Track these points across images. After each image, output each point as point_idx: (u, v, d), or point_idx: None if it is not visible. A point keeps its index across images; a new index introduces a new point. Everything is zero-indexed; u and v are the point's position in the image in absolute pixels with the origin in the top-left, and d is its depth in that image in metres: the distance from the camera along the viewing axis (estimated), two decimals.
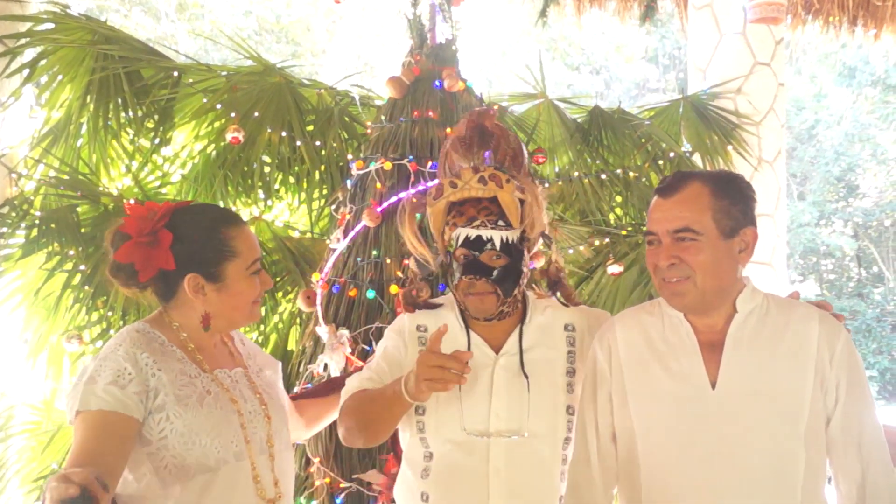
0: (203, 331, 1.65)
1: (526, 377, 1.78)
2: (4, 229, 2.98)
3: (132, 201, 2.96)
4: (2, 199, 3.09)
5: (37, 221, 2.96)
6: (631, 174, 3.70)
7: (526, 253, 1.81)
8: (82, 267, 2.95)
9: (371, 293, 2.61)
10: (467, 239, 1.74)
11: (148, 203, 1.66)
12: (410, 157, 2.69)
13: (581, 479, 1.77)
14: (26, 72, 3.14)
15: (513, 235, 1.76)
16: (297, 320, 3.20)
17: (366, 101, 3.51)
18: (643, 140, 3.79)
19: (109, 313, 3.00)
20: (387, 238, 2.65)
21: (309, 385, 2.62)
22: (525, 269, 1.81)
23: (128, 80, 3.17)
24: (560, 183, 3.62)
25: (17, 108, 3.19)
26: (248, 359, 1.83)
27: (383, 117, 2.90)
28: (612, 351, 1.76)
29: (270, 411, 1.73)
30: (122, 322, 2.98)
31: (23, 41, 3.12)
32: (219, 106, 3.25)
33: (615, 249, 3.43)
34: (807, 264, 14.85)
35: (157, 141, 3.29)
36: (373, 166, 2.75)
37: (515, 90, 3.83)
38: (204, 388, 1.62)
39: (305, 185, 3.41)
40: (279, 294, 3.31)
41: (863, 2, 5.25)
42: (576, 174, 3.63)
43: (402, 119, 2.84)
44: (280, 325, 3.32)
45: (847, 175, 14.15)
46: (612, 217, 3.70)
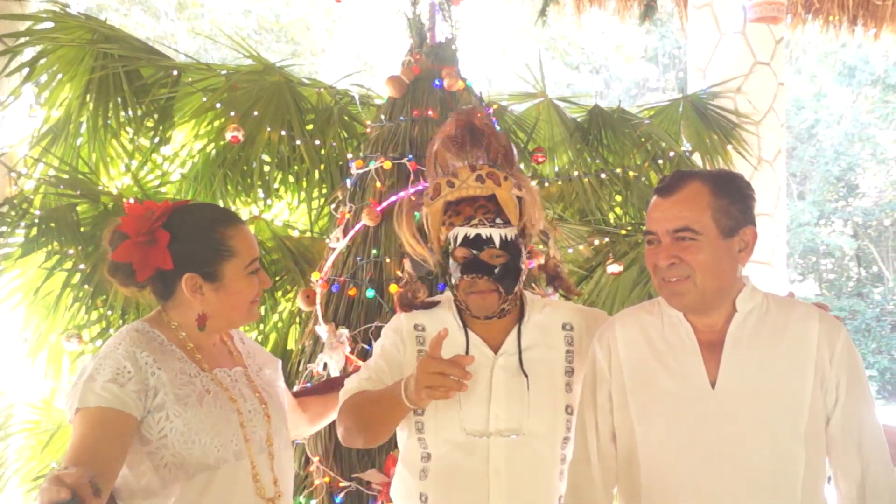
0: (199, 331, 1.65)
1: (525, 376, 1.78)
2: (4, 228, 2.98)
3: (132, 200, 2.96)
4: (1, 197, 3.09)
5: (36, 220, 2.96)
6: (630, 173, 3.70)
7: (523, 250, 1.81)
8: (82, 266, 2.95)
9: (370, 292, 2.61)
10: (466, 238, 1.74)
11: (147, 202, 1.65)
12: (410, 157, 2.70)
13: (581, 478, 1.76)
14: (26, 71, 3.14)
15: (511, 233, 1.76)
16: (297, 319, 3.20)
17: (365, 101, 3.51)
18: (643, 139, 3.80)
19: (109, 312, 3.01)
20: (386, 237, 2.65)
21: (309, 384, 2.62)
22: (523, 266, 1.81)
23: (127, 79, 3.17)
24: (560, 182, 3.62)
25: (16, 106, 3.19)
26: (247, 357, 1.83)
27: (383, 116, 2.90)
28: (612, 350, 1.75)
29: (270, 410, 1.73)
30: (121, 321, 2.98)
31: (22, 40, 3.12)
32: (218, 105, 3.25)
33: (615, 249, 3.44)
34: (806, 264, 14.86)
35: (156, 140, 3.29)
36: (372, 165, 2.75)
37: (515, 89, 3.83)
38: (203, 387, 1.62)
39: (305, 184, 3.41)
40: (279, 293, 3.31)
41: (863, 1, 5.25)
42: (575, 173, 3.63)
43: (401, 118, 2.84)
44: (279, 324, 3.32)
45: (847, 174, 14.15)
46: (611, 216, 3.70)
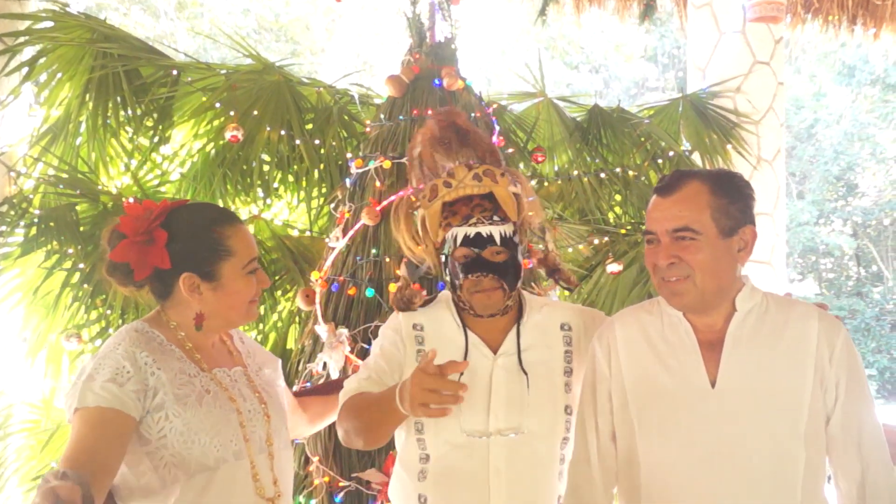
0: (196, 330, 1.65)
1: (525, 374, 1.77)
2: (3, 228, 2.98)
3: (131, 200, 2.96)
4: (1, 197, 3.09)
5: (36, 220, 2.96)
6: (630, 173, 3.70)
7: (520, 245, 1.81)
8: (81, 265, 2.95)
9: (370, 292, 2.61)
10: (467, 237, 1.73)
11: (146, 202, 1.65)
12: None
13: (581, 478, 1.76)
14: (25, 70, 3.13)
15: (508, 229, 1.76)
16: (297, 319, 3.20)
17: (365, 100, 3.51)
18: (642, 139, 3.80)
19: (108, 312, 3.00)
20: (386, 236, 2.65)
21: (308, 384, 2.62)
22: (521, 262, 1.81)
23: (127, 78, 3.17)
24: (559, 182, 3.62)
25: (16, 106, 3.19)
26: (247, 357, 1.82)
27: (382, 116, 2.90)
28: (612, 350, 1.75)
29: (269, 410, 1.73)
30: (120, 321, 2.98)
31: (22, 39, 3.12)
32: (218, 104, 3.25)
33: (614, 248, 3.44)
34: (806, 263, 14.86)
35: (156, 139, 3.28)
36: (372, 165, 2.75)
37: (515, 89, 3.83)
38: (203, 387, 1.62)
39: (304, 183, 3.41)
40: (278, 293, 3.31)
41: (862, 1, 5.25)
42: (575, 173, 3.63)
43: (401, 118, 2.84)
44: (279, 323, 3.32)
45: (846, 174, 14.15)
46: (611, 216, 3.70)
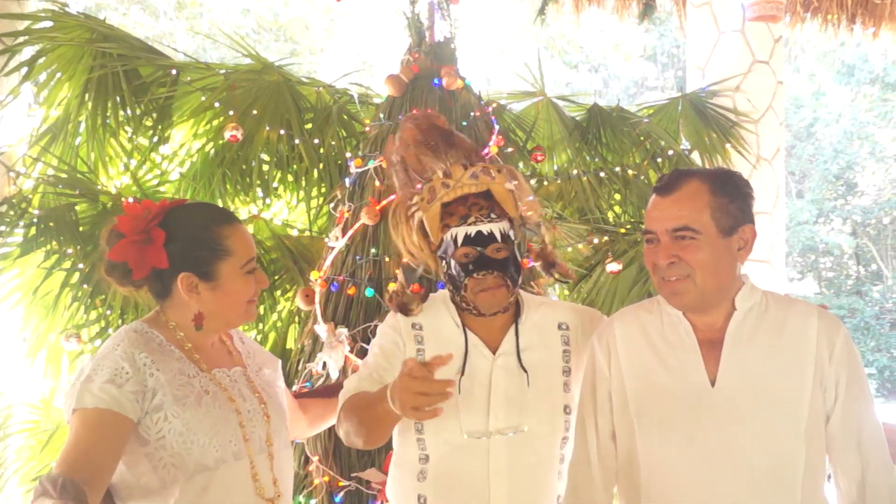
0: (195, 330, 1.64)
1: (525, 372, 1.77)
2: (3, 228, 2.97)
3: (130, 200, 2.95)
4: (0, 197, 3.08)
5: (35, 220, 2.95)
6: (630, 172, 3.70)
7: (517, 241, 1.80)
8: (80, 265, 2.95)
9: (370, 291, 2.61)
10: (468, 237, 1.72)
11: (145, 202, 1.65)
12: None
13: (581, 478, 1.76)
14: (24, 70, 3.13)
15: (506, 226, 1.76)
16: (296, 319, 3.20)
17: (364, 100, 3.51)
18: (642, 138, 3.79)
19: (108, 312, 3.00)
20: (385, 236, 2.65)
21: (308, 384, 2.62)
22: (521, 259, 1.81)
23: (126, 78, 3.17)
24: (559, 181, 3.62)
25: (15, 106, 3.18)
26: (247, 357, 1.82)
27: (382, 115, 2.90)
28: (612, 349, 1.75)
29: (269, 410, 1.72)
30: (120, 321, 2.97)
31: (21, 39, 3.11)
32: (217, 104, 3.24)
33: (614, 247, 3.43)
34: (805, 262, 14.86)
35: (155, 139, 3.28)
36: (371, 164, 2.75)
37: (514, 88, 3.82)
38: (202, 387, 1.61)
39: (304, 183, 3.41)
40: (278, 292, 3.31)
41: (861, 0, 5.25)
42: (574, 172, 3.63)
43: (400, 117, 2.83)
44: (279, 323, 3.32)
45: (846, 173, 14.15)
46: (610, 215, 3.70)
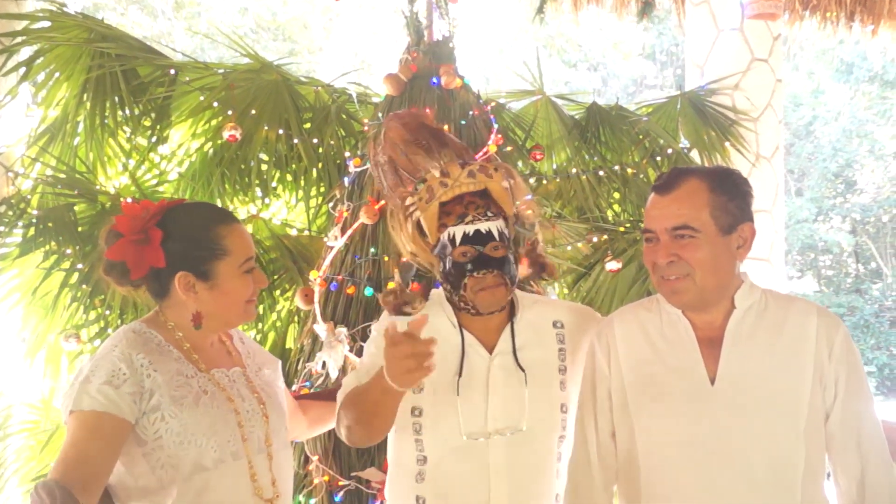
0: (194, 329, 1.64)
1: (523, 370, 1.76)
2: (1, 228, 2.97)
3: (129, 200, 2.95)
4: None
5: (34, 220, 2.95)
6: (629, 170, 3.70)
7: (512, 239, 1.79)
8: (80, 266, 2.94)
9: (369, 291, 2.61)
10: (466, 236, 1.71)
11: (143, 201, 1.65)
12: None
13: (580, 477, 1.76)
14: (23, 70, 3.12)
15: (502, 224, 1.75)
16: (296, 318, 3.20)
17: (363, 99, 3.50)
18: (641, 136, 3.79)
19: (107, 312, 3.00)
20: (384, 235, 2.65)
21: (307, 383, 2.62)
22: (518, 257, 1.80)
23: (124, 78, 3.16)
24: (558, 179, 3.62)
25: (13, 106, 3.18)
26: (246, 357, 1.81)
27: (380, 115, 2.90)
28: (611, 348, 1.75)
29: (268, 410, 1.72)
30: (119, 321, 2.97)
31: (19, 39, 3.11)
32: (216, 104, 3.24)
33: (613, 246, 3.43)
34: (805, 260, 14.87)
35: (153, 139, 3.27)
36: (369, 165, 2.75)
37: (513, 87, 3.82)
38: (200, 387, 1.61)
39: (303, 182, 3.41)
40: (277, 292, 3.31)
41: None
42: (574, 171, 3.63)
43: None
44: (278, 323, 3.32)
45: (845, 171, 14.16)
46: (609, 214, 3.70)
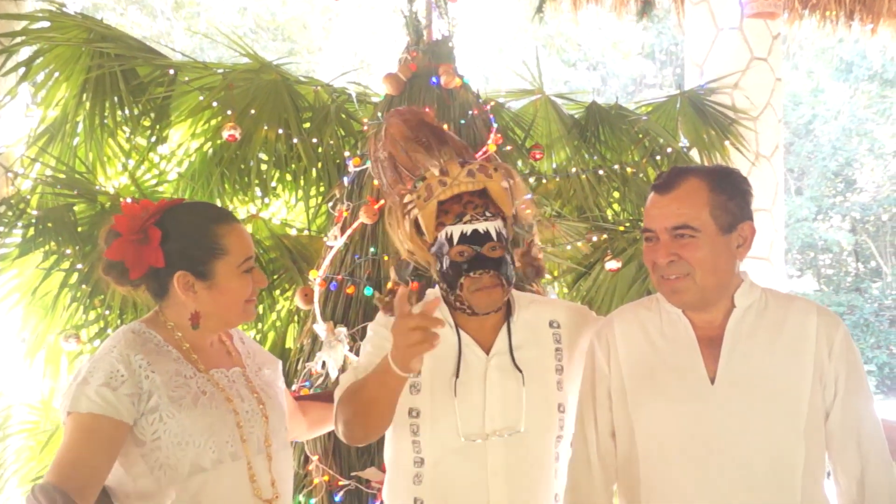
0: (192, 329, 1.63)
1: (520, 371, 1.76)
2: (1, 228, 2.96)
3: (129, 200, 2.95)
4: None
5: (33, 220, 2.95)
6: (628, 170, 3.70)
7: (509, 240, 1.78)
8: (79, 266, 2.94)
9: (369, 290, 2.61)
10: (463, 235, 1.70)
11: (143, 201, 1.65)
12: None
13: (580, 476, 1.76)
14: (22, 70, 3.12)
15: (500, 225, 1.74)
16: (295, 318, 3.20)
17: (362, 98, 3.50)
18: (640, 135, 3.79)
19: (107, 312, 3.00)
20: (384, 235, 2.64)
21: (307, 383, 2.62)
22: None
23: (124, 78, 3.16)
24: (557, 179, 3.62)
25: (13, 106, 3.18)
26: (247, 357, 1.81)
27: (380, 114, 2.90)
28: (611, 347, 1.75)
29: (268, 411, 1.71)
30: (119, 321, 2.97)
31: (18, 39, 3.11)
32: (215, 104, 3.24)
33: (613, 245, 3.43)
34: (804, 259, 14.87)
35: (153, 139, 3.27)
36: (370, 163, 2.75)
37: (512, 86, 3.82)
38: (199, 388, 1.60)
39: (302, 182, 3.41)
40: (277, 292, 3.31)
41: None
42: (573, 170, 3.63)
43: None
44: (278, 322, 3.32)
45: (844, 170, 14.17)
46: (609, 213, 3.70)
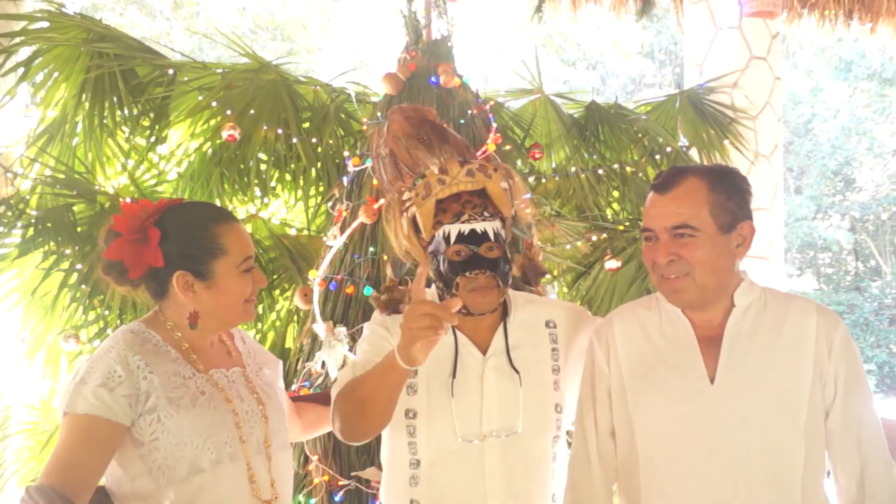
0: (190, 329, 1.63)
1: (517, 372, 1.76)
2: (1, 229, 2.97)
3: (128, 200, 2.95)
4: None
5: (33, 220, 2.95)
6: (628, 169, 3.70)
7: (507, 241, 1.78)
8: (79, 266, 2.94)
9: (368, 290, 2.61)
10: (461, 235, 1.69)
11: (142, 201, 1.64)
12: None
13: (580, 475, 1.76)
14: (21, 70, 3.13)
15: (498, 225, 1.73)
16: (295, 318, 3.20)
17: (362, 98, 3.51)
18: (640, 135, 3.80)
19: (106, 312, 3.00)
20: (383, 235, 2.65)
21: (307, 383, 2.62)
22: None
23: (123, 78, 3.17)
24: (557, 178, 3.62)
25: (12, 106, 3.18)
26: (247, 357, 1.80)
27: (379, 114, 2.90)
28: (611, 347, 1.75)
29: (268, 411, 1.70)
30: (118, 321, 2.97)
31: (17, 40, 3.11)
32: (214, 104, 3.24)
33: (612, 244, 3.44)
34: (804, 258, 14.87)
35: (152, 139, 3.28)
36: (369, 163, 2.75)
37: (511, 86, 3.82)
38: (198, 388, 1.60)
39: (302, 182, 3.41)
40: (276, 292, 3.31)
41: None
42: (573, 169, 3.63)
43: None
44: (277, 322, 3.32)
45: (844, 169, 14.17)
46: (609, 212, 3.70)
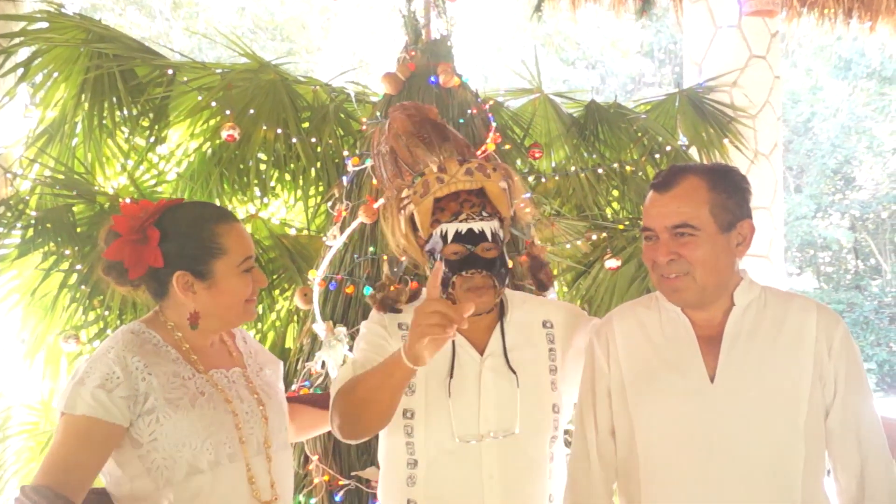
0: (191, 329, 1.62)
1: (514, 372, 1.75)
2: (0, 229, 2.97)
3: (128, 200, 2.95)
4: None
5: (33, 221, 2.95)
6: (627, 168, 3.70)
7: (505, 241, 1.78)
8: (78, 266, 2.94)
9: (368, 290, 2.61)
10: (458, 234, 1.69)
11: (142, 202, 1.65)
12: None
13: (580, 474, 1.76)
14: (21, 71, 3.13)
15: (496, 225, 1.74)
16: (295, 318, 3.20)
17: (361, 98, 3.51)
18: (639, 134, 3.79)
19: (106, 313, 3.00)
20: (383, 234, 2.64)
21: (307, 383, 2.62)
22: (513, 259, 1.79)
23: (122, 78, 3.16)
24: (556, 178, 3.62)
25: (11, 107, 3.18)
26: (248, 357, 1.80)
27: (379, 114, 2.90)
28: (611, 346, 1.75)
29: (268, 411, 1.70)
30: (118, 321, 2.97)
31: (17, 40, 3.11)
32: (214, 104, 3.24)
33: (612, 244, 3.43)
34: (804, 257, 14.86)
35: (152, 139, 3.28)
36: (368, 163, 2.75)
37: (511, 85, 3.82)
38: (197, 389, 1.60)
39: (301, 182, 3.41)
40: (276, 292, 3.31)
41: None
42: (572, 169, 3.63)
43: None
44: (277, 322, 3.32)
45: (843, 167, 14.16)
46: (608, 211, 3.70)
